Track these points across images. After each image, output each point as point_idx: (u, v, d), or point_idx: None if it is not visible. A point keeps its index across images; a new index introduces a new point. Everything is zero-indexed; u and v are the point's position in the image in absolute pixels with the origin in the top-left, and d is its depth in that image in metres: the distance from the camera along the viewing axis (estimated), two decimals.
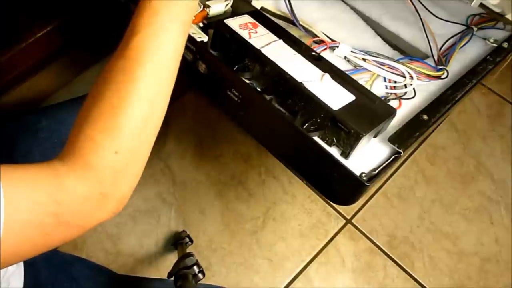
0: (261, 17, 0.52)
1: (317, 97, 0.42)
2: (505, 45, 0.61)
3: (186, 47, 0.46)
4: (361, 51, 0.53)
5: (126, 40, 0.35)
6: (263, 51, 0.46)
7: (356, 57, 0.53)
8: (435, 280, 1.01)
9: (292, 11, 0.53)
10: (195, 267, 0.69)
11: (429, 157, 1.22)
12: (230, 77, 0.46)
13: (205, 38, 0.49)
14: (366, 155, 0.44)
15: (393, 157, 0.44)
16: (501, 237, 1.10)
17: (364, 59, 0.52)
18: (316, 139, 0.44)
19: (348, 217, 1.08)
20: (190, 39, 0.48)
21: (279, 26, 0.51)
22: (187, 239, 0.93)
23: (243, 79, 0.46)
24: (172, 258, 0.94)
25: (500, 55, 0.60)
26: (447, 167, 1.21)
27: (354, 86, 0.46)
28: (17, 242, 0.30)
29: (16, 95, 0.81)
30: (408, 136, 0.45)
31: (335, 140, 0.43)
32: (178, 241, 0.92)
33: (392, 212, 1.10)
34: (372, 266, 1.02)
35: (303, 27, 0.54)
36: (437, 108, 0.50)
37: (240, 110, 0.48)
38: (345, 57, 0.54)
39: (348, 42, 0.54)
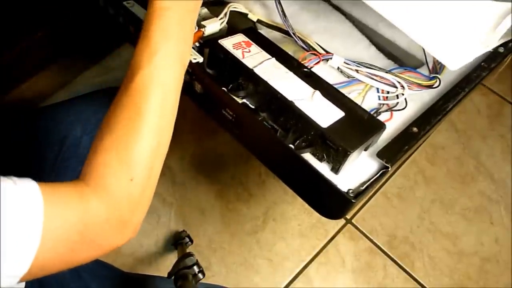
0: (255, 34, 0.53)
1: (307, 116, 0.44)
2: (501, 50, 0.60)
3: None
4: (354, 62, 0.53)
5: (131, 77, 0.38)
6: (256, 70, 0.47)
7: (349, 68, 0.53)
8: (435, 280, 1.01)
9: (286, 23, 0.54)
10: (195, 267, 0.69)
11: (429, 157, 1.22)
12: (223, 98, 0.48)
13: (200, 59, 0.51)
14: (355, 169, 0.45)
15: (381, 172, 0.45)
16: (501, 237, 1.10)
17: (357, 70, 0.53)
18: (307, 155, 0.45)
19: (348, 217, 1.08)
20: None
21: (272, 43, 0.52)
22: (187, 239, 0.93)
23: (236, 99, 0.48)
24: (172, 258, 0.94)
25: (496, 61, 0.59)
26: (447, 167, 1.21)
27: (344, 102, 0.47)
28: (48, 257, 0.32)
29: (15, 95, 0.81)
30: (397, 150, 0.46)
31: (325, 156, 0.44)
32: (178, 241, 0.92)
33: (392, 212, 1.10)
34: (372, 266, 1.02)
35: (298, 38, 0.55)
36: (427, 120, 0.51)
37: (234, 128, 0.49)
38: (338, 68, 0.55)
39: (342, 52, 0.54)
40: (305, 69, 0.50)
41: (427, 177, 1.18)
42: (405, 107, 0.52)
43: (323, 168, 0.45)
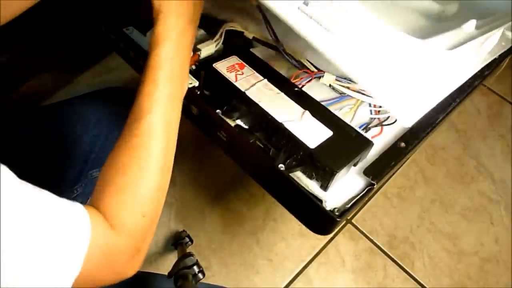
0: (248, 55, 0.56)
1: (296, 137, 0.46)
2: (496, 56, 0.61)
3: None
4: (345, 78, 0.54)
5: (140, 120, 0.41)
6: (248, 93, 0.50)
7: (340, 85, 0.54)
8: (435, 280, 1.01)
9: (277, 43, 0.55)
10: (195, 267, 0.69)
11: (429, 157, 1.22)
12: (217, 120, 0.50)
13: (196, 83, 0.53)
14: (344, 185, 0.47)
15: (367, 189, 0.46)
16: (501, 237, 1.10)
17: (348, 87, 0.54)
18: (298, 173, 0.47)
19: (348, 217, 1.08)
20: None
21: (264, 63, 0.55)
22: (187, 239, 0.93)
23: (229, 121, 0.50)
24: (172, 258, 0.94)
25: (490, 68, 0.59)
26: (447, 167, 1.21)
27: (332, 120, 0.49)
28: (81, 276, 0.34)
29: (17, 94, 0.81)
30: (384, 166, 0.48)
31: (314, 175, 0.46)
32: (178, 241, 0.92)
33: (392, 212, 1.10)
34: (372, 266, 1.02)
35: (290, 57, 0.56)
36: (415, 134, 0.51)
37: (229, 148, 0.52)
38: (330, 85, 0.56)
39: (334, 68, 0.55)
40: (296, 89, 0.52)
41: (427, 177, 1.18)
42: (395, 121, 0.53)
43: (313, 185, 0.47)
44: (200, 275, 0.69)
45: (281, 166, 0.46)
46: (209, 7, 0.60)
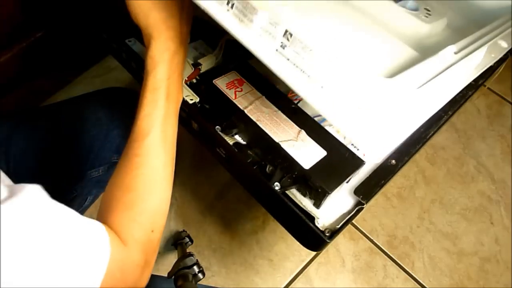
0: (247, 70, 0.57)
1: (291, 157, 0.48)
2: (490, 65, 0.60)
3: (181, 107, 0.51)
4: None
5: (142, 138, 0.43)
6: (247, 112, 0.52)
7: None
8: (435, 280, 1.01)
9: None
10: (195, 267, 0.69)
11: (429, 157, 1.22)
12: (216, 137, 0.52)
13: (196, 100, 0.54)
14: (335, 203, 0.49)
15: (356, 208, 0.48)
16: (501, 237, 1.10)
17: None
18: (293, 190, 0.49)
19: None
20: (183, 101, 0.53)
21: (263, 78, 0.56)
22: (187, 239, 0.92)
23: (227, 139, 0.51)
24: (172, 258, 0.94)
25: (484, 77, 0.59)
26: (447, 167, 1.21)
27: (327, 139, 0.51)
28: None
29: (16, 95, 0.81)
30: (374, 185, 0.49)
31: (308, 193, 0.48)
32: (178, 241, 0.92)
33: (392, 212, 1.10)
34: (372, 266, 1.02)
35: None
36: (405, 151, 0.52)
37: (227, 164, 0.53)
38: None
39: None
40: (293, 106, 0.54)
41: (427, 177, 1.18)
42: None
43: (306, 202, 0.48)
44: (200, 275, 0.69)
45: (277, 185, 0.47)
46: (208, 16, 0.60)
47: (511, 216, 1.14)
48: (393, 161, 0.51)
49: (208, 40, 0.62)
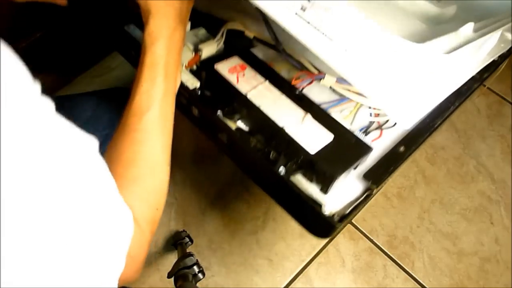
0: (250, 56, 0.55)
1: (296, 142, 0.46)
2: (496, 57, 0.61)
3: (181, 93, 0.50)
4: (346, 80, 0.54)
5: (141, 116, 0.42)
6: (249, 96, 0.49)
7: (341, 87, 0.54)
8: (435, 280, 1.01)
9: (277, 43, 0.54)
10: (195, 267, 0.70)
11: (429, 157, 1.22)
12: (218, 123, 0.50)
13: (197, 84, 0.52)
14: (344, 188, 0.47)
15: (366, 193, 0.47)
16: (501, 237, 1.10)
17: (348, 89, 0.54)
18: (298, 176, 0.47)
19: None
20: (183, 86, 0.51)
21: (266, 65, 0.54)
22: (187, 239, 0.93)
23: (230, 123, 0.50)
24: (172, 258, 0.94)
25: (489, 70, 0.59)
26: (447, 167, 1.21)
27: (333, 125, 0.49)
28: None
29: None
30: (383, 171, 0.48)
31: (314, 178, 0.46)
32: (178, 241, 0.92)
33: (392, 212, 1.10)
34: (372, 266, 1.02)
35: (291, 58, 0.55)
36: (414, 138, 0.51)
37: (229, 151, 0.52)
38: (330, 87, 0.55)
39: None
40: (297, 93, 0.52)
41: (427, 177, 1.18)
42: (395, 124, 0.53)
43: (313, 188, 0.47)
44: (200, 275, 0.69)
45: (281, 170, 0.46)
46: (210, 6, 0.60)
47: (511, 216, 1.14)
48: (402, 148, 0.50)
49: (209, 28, 0.60)
